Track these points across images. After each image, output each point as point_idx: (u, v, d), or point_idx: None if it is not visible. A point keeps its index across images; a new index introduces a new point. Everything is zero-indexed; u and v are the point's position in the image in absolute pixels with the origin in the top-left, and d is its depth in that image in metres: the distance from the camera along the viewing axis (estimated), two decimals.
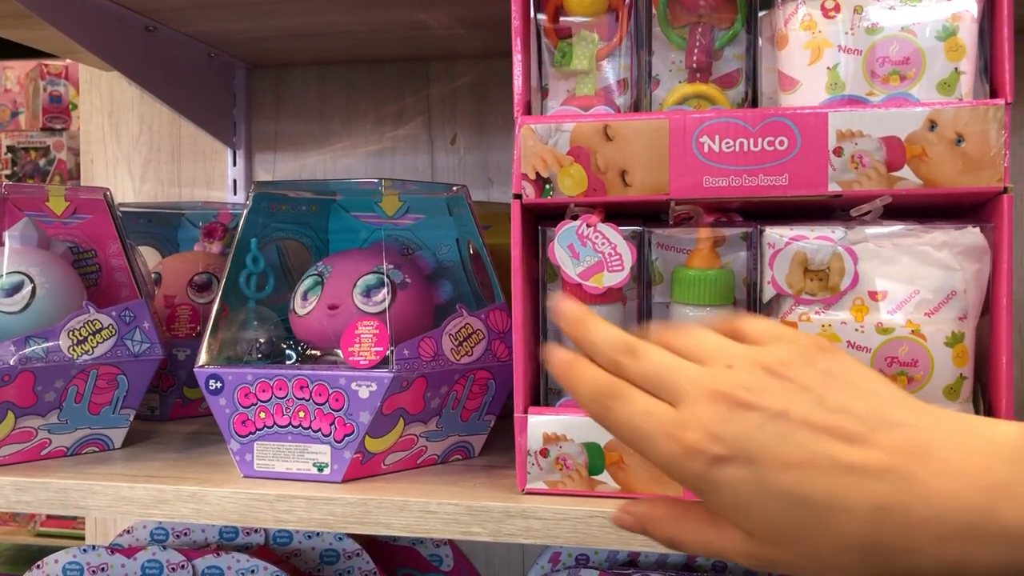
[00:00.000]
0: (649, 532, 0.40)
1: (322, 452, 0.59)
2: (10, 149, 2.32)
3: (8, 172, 2.19)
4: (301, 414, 0.59)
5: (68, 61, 2.32)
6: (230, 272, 0.64)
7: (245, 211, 0.65)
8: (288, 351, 0.65)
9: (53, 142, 2.30)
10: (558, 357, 0.40)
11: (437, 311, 0.66)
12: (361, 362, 0.59)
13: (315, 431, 0.59)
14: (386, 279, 0.62)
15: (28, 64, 2.36)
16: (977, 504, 0.33)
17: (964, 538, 0.33)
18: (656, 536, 0.40)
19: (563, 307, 0.42)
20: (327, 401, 0.58)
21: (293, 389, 0.59)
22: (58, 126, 2.33)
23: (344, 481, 0.59)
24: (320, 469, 0.59)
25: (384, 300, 0.61)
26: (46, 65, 2.32)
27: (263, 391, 0.59)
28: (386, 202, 0.68)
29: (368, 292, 0.62)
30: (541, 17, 0.59)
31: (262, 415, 0.59)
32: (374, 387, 0.57)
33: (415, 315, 0.64)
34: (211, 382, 0.60)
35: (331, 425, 0.58)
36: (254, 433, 0.60)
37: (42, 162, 2.29)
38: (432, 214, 0.69)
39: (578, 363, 0.40)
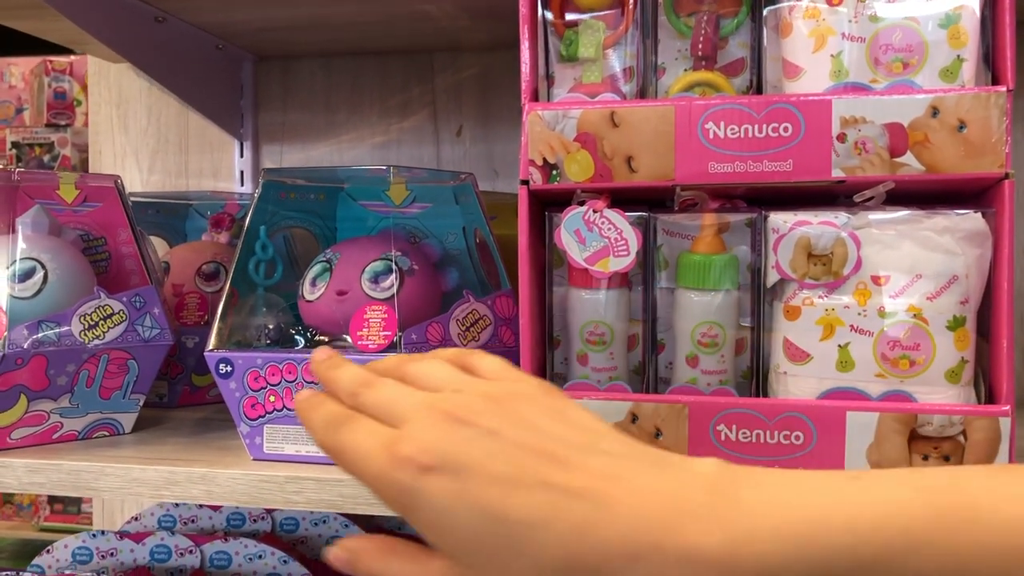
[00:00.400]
0: (357, 567, 0.39)
1: None
2: (14, 145, 2.32)
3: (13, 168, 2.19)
4: None
5: (73, 57, 2.33)
6: (240, 259, 0.65)
7: (255, 198, 0.65)
8: (296, 336, 0.66)
9: (57, 138, 2.31)
10: (298, 395, 0.41)
11: (444, 298, 0.67)
12: (370, 346, 0.59)
13: None
14: (394, 265, 0.63)
15: (33, 60, 2.36)
16: (665, 522, 0.33)
17: (652, 557, 0.33)
18: (362, 571, 0.39)
19: (315, 354, 0.42)
20: None
21: (302, 373, 0.59)
22: (62, 122, 2.34)
23: None
24: None
25: (392, 286, 0.62)
26: (51, 61, 2.33)
27: (273, 375, 0.60)
28: (393, 191, 0.69)
29: (376, 278, 0.63)
30: (548, 15, 0.60)
31: (272, 399, 0.60)
32: None
33: (422, 301, 0.65)
34: (221, 366, 0.61)
35: None
36: (264, 416, 0.60)
37: (46, 158, 2.30)
38: (439, 203, 0.70)
39: (316, 398, 0.40)
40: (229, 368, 0.61)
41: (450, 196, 0.70)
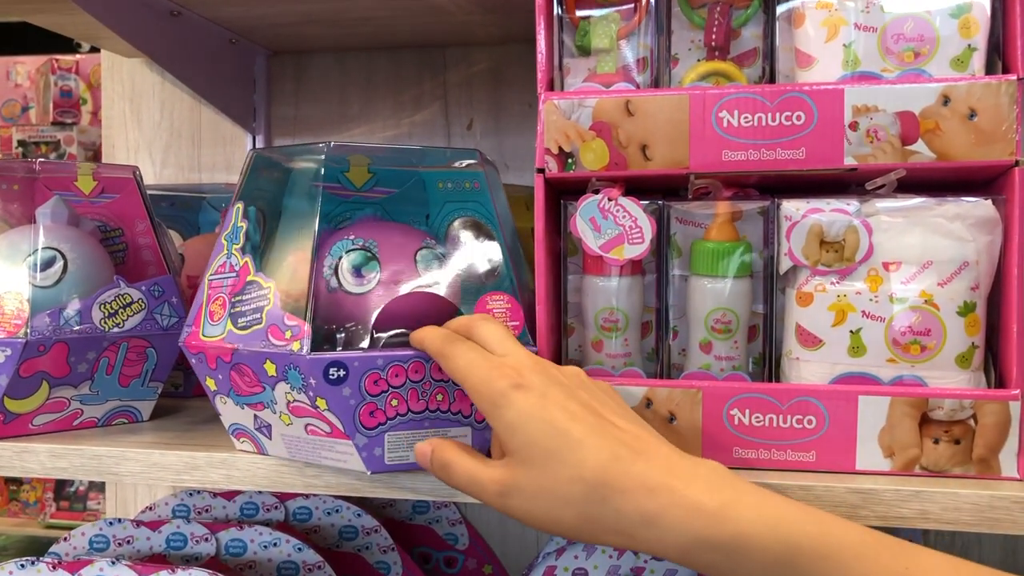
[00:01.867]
0: (433, 456, 0.51)
1: (463, 435, 0.56)
2: (21, 143, 2.33)
3: None
4: (439, 397, 0.56)
5: (79, 56, 2.34)
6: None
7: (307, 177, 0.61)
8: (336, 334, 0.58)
9: (63, 136, 2.31)
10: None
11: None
12: None
13: (455, 414, 0.56)
14: (436, 253, 0.60)
15: (39, 59, 2.37)
16: (681, 476, 0.45)
17: (665, 494, 0.44)
18: (436, 459, 0.51)
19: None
20: None
21: (431, 371, 0.55)
22: (68, 120, 2.35)
23: None
24: None
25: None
26: (56, 60, 2.34)
27: (396, 376, 0.54)
28: (354, 172, 0.62)
29: (429, 267, 0.59)
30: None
31: (394, 403, 0.54)
32: None
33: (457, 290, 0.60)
34: (332, 371, 0.53)
35: (471, 405, 0.56)
36: (385, 423, 0.55)
37: (52, 156, 2.31)
38: (404, 189, 0.64)
39: (429, 330, 0.54)
40: (342, 372, 0.53)
41: (418, 182, 0.63)
